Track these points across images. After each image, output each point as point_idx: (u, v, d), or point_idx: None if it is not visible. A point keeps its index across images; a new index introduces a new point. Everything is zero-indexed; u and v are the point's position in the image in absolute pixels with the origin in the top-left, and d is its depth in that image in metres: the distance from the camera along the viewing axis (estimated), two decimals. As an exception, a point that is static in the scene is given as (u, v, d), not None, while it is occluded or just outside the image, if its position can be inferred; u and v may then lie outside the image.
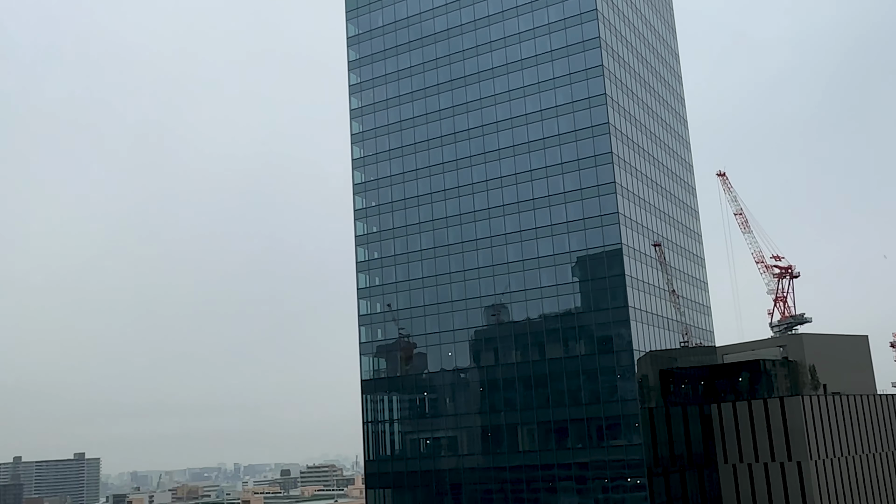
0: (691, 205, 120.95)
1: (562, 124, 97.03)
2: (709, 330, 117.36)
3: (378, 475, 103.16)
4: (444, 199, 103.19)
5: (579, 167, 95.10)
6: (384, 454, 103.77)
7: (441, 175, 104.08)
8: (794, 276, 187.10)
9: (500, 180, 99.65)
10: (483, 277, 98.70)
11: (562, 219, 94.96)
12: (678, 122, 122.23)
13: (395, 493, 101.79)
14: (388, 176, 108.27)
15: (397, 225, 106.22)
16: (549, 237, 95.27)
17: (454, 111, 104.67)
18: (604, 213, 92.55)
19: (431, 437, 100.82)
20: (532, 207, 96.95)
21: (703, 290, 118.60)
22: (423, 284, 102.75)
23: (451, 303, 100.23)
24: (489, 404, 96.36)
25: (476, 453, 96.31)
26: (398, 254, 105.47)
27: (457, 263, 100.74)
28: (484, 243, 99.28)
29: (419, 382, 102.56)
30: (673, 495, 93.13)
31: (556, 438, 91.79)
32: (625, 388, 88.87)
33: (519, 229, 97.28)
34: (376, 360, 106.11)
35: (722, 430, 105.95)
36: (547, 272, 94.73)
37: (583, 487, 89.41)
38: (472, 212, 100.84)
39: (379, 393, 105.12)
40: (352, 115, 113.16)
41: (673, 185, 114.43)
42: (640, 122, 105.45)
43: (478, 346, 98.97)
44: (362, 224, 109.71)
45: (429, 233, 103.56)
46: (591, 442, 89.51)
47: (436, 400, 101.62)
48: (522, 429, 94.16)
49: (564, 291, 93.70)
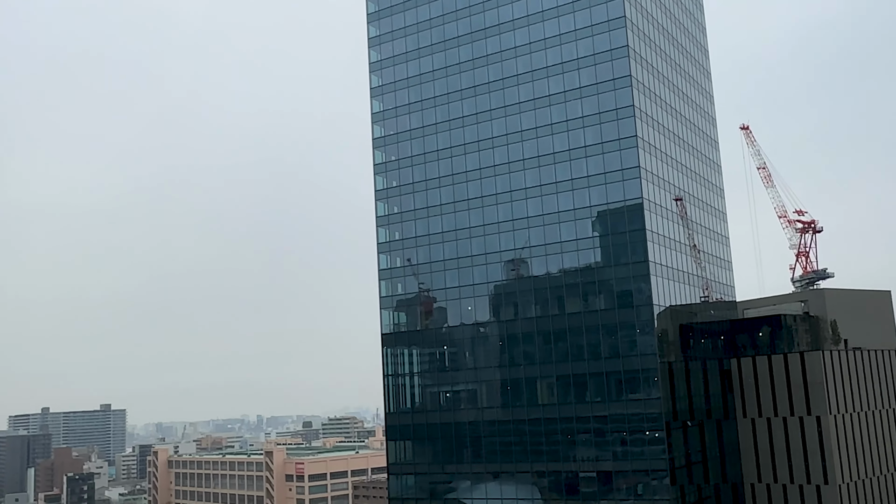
0: (714, 159, 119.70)
1: (583, 77, 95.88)
2: (730, 285, 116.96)
3: (398, 427, 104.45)
4: (464, 153, 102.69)
5: (600, 121, 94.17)
6: (404, 407, 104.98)
7: (461, 129, 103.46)
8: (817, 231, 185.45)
9: (520, 134, 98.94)
10: (503, 232, 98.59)
11: (582, 173, 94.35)
12: (701, 75, 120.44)
13: (415, 444, 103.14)
14: (407, 130, 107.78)
15: (417, 180, 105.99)
16: (570, 192, 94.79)
17: (474, 64, 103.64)
18: (625, 167, 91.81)
19: (451, 391, 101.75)
20: (552, 162, 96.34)
21: (725, 244, 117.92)
22: (443, 239, 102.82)
23: (471, 257, 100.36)
24: (508, 358, 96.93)
25: (495, 406, 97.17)
26: (418, 208, 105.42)
27: (477, 218, 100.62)
28: (504, 198, 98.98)
29: (439, 336, 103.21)
30: (691, 448, 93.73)
31: (575, 392, 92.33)
32: (644, 343, 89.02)
33: (539, 184, 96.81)
34: (396, 315, 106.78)
35: (741, 385, 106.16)
36: (567, 227, 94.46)
37: (601, 440, 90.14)
38: (491, 166, 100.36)
39: (399, 346, 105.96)
40: (371, 70, 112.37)
41: (695, 138, 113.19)
42: (663, 75, 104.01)
43: (497, 301, 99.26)
44: (382, 179, 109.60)
45: (448, 187, 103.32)
46: (609, 395, 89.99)
47: (455, 354, 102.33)
48: (541, 382, 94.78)
49: (584, 246, 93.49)
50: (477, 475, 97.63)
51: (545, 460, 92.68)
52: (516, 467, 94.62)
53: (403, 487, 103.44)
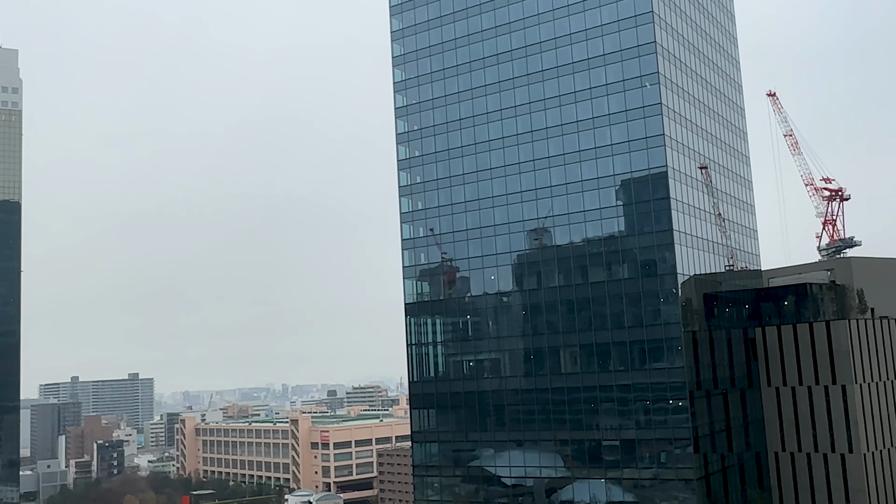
0: (740, 126, 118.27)
1: (607, 44, 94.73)
2: (755, 254, 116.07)
3: (422, 396, 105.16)
4: (487, 122, 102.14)
5: (624, 88, 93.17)
6: (428, 376, 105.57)
7: (483, 97, 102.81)
8: (845, 199, 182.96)
9: (543, 102, 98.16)
10: (526, 201, 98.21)
11: (606, 141, 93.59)
12: (727, 41, 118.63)
13: (438, 413, 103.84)
14: (429, 99, 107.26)
15: (440, 149, 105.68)
16: (593, 160, 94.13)
17: (497, 31, 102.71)
18: (649, 135, 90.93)
19: (474, 360, 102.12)
20: (576, 130, 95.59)
21: (750, 213, 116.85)
22: (466, 208, 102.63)
23: (494, 227, 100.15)
24: (532, 327, 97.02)
25: (518, 375, 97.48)
26: (440, 178, 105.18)
27: (499, 187, 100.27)
28: (527, 167, 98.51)
29: (462, 306, 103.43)
30: (715, 417, 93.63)
31: (599, 361, 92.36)
32: (668, 312, 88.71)
33: (562, 152, 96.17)
34: (419, 284, 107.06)
35: (766, 354, 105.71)
36: (590, 195, 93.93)
37: (624, 409, 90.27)
38: (514, 135, 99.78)
39: (422, 316, 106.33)
40: (392, 38, 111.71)
41: (721, 105, 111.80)
42: (688, 41, 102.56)
43: (520, 270, 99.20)
44: (404, 148, 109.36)
45: (471, 156, 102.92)
46: (633, 364, 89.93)
47: (478, 323, 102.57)
48: (564, 351, 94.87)
49: (608, 215, 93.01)
50: (500, 443, 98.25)
51: (568, 429, 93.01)
52: (539, 436, 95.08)
53: (427, 455, 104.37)
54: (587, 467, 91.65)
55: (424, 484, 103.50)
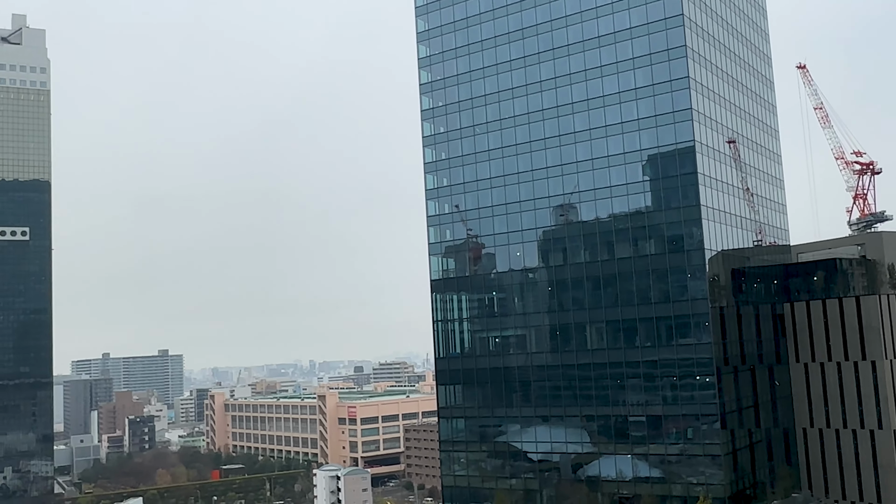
0: (769, 99, 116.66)
1: (633, 17, 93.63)
2: (784, 228, 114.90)
3: (448, 372, 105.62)
4: (512, 97, 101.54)
5: (651, 62, 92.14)
6: (454, 352, 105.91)
7: (509, 73, 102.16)
8: (876, 173, 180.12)
9: (568, 77, 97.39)
10: (552, 177, 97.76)
11: (633, 116, 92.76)
12: (756, 12, 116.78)
13: (464, 389, 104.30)
14: (454, 75, 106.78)
15: (465, 125, 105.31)
16: (620, 135, 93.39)
17: (521, 6, 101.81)
18: (676, 109, 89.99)
19: (500, 336, 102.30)
20: (602, 105, 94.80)
21: (779, 187, 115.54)
22: (492, 185, 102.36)
23: (520, 203, 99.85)
24: (558, 303, 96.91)
25: (544, 351, 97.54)
26: (466, 154, 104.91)
27: (525, 163, 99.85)
28: (552, 142, 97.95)
29: (488, 282, 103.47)
30: (742, 393, 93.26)
31: (625, 337, 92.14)
32: (695, 288, 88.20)
33: (588, 127, 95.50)
34: (445, 261, 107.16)
35: (794, 330, 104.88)
36: (617, 171, 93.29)
37: (651, 385, 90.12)
38: (540, 110, 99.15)
39: (448, 292, 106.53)
40: (417, 13, 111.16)
41: (750, 78, 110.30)
42: (716, 13, 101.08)
43: (546, 246, 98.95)
44: (429, 125, 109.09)
45: (496, 132, 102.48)
46: (659, 340, 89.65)
47: (504, 299, 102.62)
48: (591, 327, 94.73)
49: (634, 190, 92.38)
50: (526, 419, 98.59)
51: (594, 404, 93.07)
52: (565, 411, 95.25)
53: (454, 430, 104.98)
54: (613, 443, 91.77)
55: (451, 459, 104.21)
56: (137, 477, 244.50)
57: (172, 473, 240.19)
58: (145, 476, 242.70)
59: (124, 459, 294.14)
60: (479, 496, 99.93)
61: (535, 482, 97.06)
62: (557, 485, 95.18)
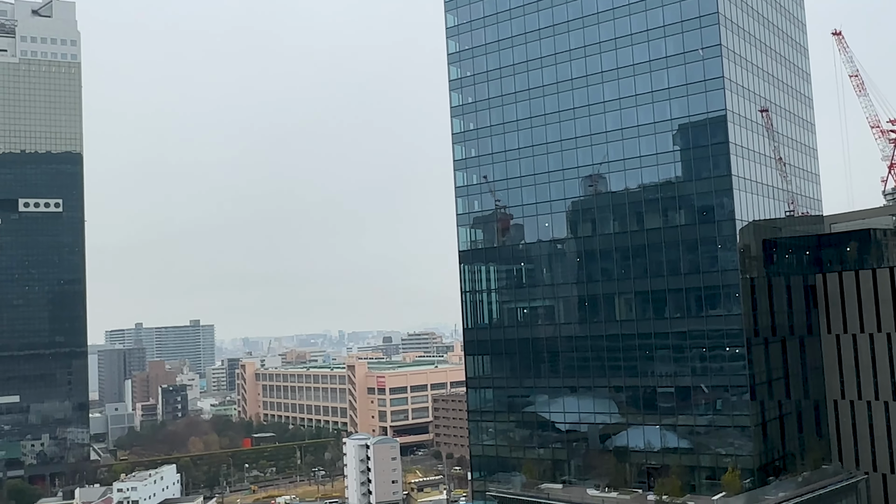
0: (803, 67, 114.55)
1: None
2: (816, 199, 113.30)
3: (476, 342, 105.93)
4: (541, 66, 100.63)
5: (682, 30, 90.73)
6: (482, 323, 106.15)
7: (537, 42, 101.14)
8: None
9: (598, 46, 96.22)
10: (580, 147, 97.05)
11: (663, 85, 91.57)
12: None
13: (493, 359, 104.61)
14: (482, 45, 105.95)
15: (493, 95, 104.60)
16: (650, 104, 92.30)
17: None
18: (707, 77, 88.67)
19: (528, 307, 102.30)
20: (632, 73, 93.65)
21: (812, 157, 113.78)
22: (520, 155, 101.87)
23: (548, 173, 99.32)
24: (586, 274, 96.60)
25: (573, 322, 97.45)
26: (494, 124, 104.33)
27: (553, 133, 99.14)
28: (581, 112, 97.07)
29: (516, 253, 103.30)
30: (772, 364, 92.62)
31: (654, 308, 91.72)
32: (725, 259, 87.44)
33: (618, 97, 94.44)
34: (473, 231, 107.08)
35: (826, 301, 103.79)
36: (646, 141, 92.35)
37: (680, 356, 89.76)
38: (569, 80, 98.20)
39: (476, 263, 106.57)
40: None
41: (783, 46, 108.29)
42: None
43: (575, 217, 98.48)
44: (458, 95, 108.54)
45: (525, 102, 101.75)
46: (689, 312, 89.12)
47: (532, 270, 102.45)
48: (619, 298, 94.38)
49: (664, 161, 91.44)
50: (554, 389, 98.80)
51: (623, 375, 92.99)
52: (594, 382, 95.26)
53: (482, 401, 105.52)
54: (642, 413, 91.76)
55: (479, 429, 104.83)
56: (171, 444, 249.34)
57: (205, 441, 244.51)
58: (178, 444, 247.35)
59: (158, 427, 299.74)
60: (507, 465, 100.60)
61: (563, 452, 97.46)
62: (585, 455, 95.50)
